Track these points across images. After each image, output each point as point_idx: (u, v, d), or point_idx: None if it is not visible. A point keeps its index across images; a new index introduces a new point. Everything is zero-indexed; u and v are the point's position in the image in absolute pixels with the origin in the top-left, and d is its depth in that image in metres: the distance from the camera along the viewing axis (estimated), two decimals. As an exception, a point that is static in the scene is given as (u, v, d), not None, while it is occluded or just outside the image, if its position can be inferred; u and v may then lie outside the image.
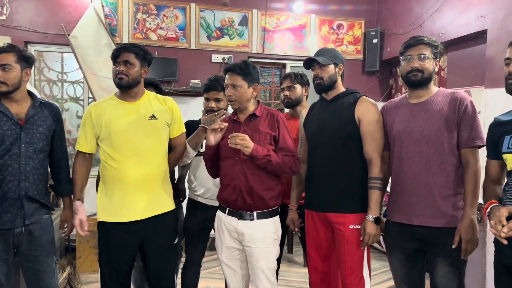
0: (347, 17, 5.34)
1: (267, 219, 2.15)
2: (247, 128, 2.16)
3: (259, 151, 2.04)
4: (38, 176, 2.14)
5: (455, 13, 4.01)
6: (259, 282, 2.13)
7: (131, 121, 2.15)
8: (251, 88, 2.16)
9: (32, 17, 4.43)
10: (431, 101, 2.03)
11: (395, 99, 2.26)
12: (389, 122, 2.16)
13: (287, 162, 2.10)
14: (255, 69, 2.19)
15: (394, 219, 2.11)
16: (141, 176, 2.14)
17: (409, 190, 2.03)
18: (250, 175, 2.10)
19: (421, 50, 2.02)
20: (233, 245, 2.20)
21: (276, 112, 2.21)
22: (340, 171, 2.18)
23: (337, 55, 2.27)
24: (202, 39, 4.93)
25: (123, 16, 4.69)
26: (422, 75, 2.02)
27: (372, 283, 3.66)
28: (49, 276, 2.17)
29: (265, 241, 2.13)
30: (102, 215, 2.19)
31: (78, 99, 4.86)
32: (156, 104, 2.24)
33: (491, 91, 3.45)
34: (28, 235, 2.10)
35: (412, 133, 2.03)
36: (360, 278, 2.16)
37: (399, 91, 5.27)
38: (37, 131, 2.13)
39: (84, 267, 3.85)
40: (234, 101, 2.14)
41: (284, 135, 2.15)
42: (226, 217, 2.19)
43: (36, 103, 2.17)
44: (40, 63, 4.72)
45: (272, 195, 2.15)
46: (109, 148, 2.14)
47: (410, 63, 2.03)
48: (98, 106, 2.20)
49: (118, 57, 2.14)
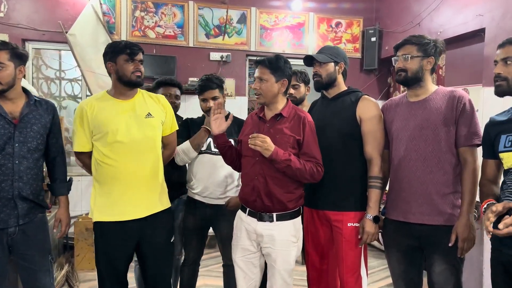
0: (345, 15, 5.34)
1: (287, 221, 2.08)
2: (271, 128, 2.09)
3: (279, 155, 1.95)
4: (32, 176, 2.11)
5: (453, 12, 4.01)
6: (275, 282, 2.09)
7: (128, 119, 2.12)
8: (279, 84, 2.08)
9: (30, 14, 4.41)
10: (429, 100, 2.03)
11: (396, 97, 2.25)
12: (389, 121, 2.16)
13: (308, 169, 2.00)
14: (287, 64, 2.11)
15: (391, 217, 2.12)
16: (138, 174, 2.12)
17: (406, 188, 2.03)
18: (269, 177, 2.03)
19: (406, 50, 2.04)
20: (249, 247, 2.15)
21: (304, 114, 2.11)
22: (340, 169, 2.18)
23: (338, 53, 2.26)
24: (200, 37, 4.92)
25: (121, 13, 4.68)
26: (406, 75, 2.03)
27: (370, 280, 3.67)
28: (45, 275, 2.15)
29: (283, 244, 2.07)
30: (98, 215, 2.15)
31: (76, 97, 4.85)
32: (151, 102, 2.22)
33: (489, 89, 3.45)
34: (23, 234, 2.08)
35: (410, 131, 2.03)
36: (358, 276, 2.17)
37: (397, 89, 5.28)
38: (31, 129, 2.09)
39: (82, 265, 3.85)
40: (259, 94, 2.08)
41: (309, 140, 2.05)
42: (247, 218, 2.14)
43: (31, 101, 2.14)
44: (38, 60, 4.71)
45: (292, 198, 2.07)
46: (105, 147, 2.10)
47: (397, 63, 2.08)
48: (93, 105, 2.13)
49: (136, 55, 2.11)
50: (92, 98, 2.22)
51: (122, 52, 2.09)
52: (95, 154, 2.14)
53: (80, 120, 2.13)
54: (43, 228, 2.20)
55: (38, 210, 2.16)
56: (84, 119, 2.11)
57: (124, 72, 2.10)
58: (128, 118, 2.12)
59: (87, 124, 2.11)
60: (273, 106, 2.12)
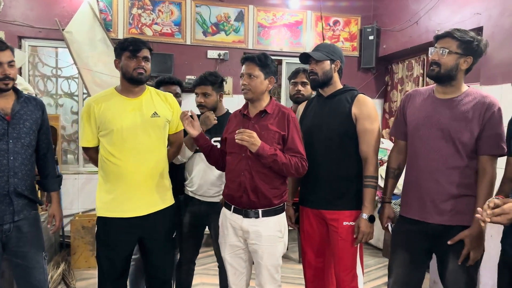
0: (343, 14, 5.34)
1: (272, 216, 2.10)
2: (256, 124, 2.10)
3: (265, 150, 1.97)
4: (27, 172, 2.12)
5: (451, 10, 4.01)
6: (263, 279, 2.11)
7: (134, 118, 2.13)
8: (267, 81, 2.10)
9: (26, 11, 4.38)
10: (457, 101, 1.93)
11: (421, 88, 2.14)
12: (410, 112, 2.08)
13: (293, 163, 2.02)
14: (274, 63, 2.15)
15: (407, 215, 2.05)
16: (141, 173, 2.13)
17: (424, 188, 1.97)
18: (256, 173, 2.05)
19: (446, 43, 1.90)
20: (237, 243, 2.16)
21: (287, 110, 2.13)
22: (335, 168, 2.17)
23: (334, 51, 2.24)
24: (198, 34, 4.91)
25: (118, 11, 4.66)
26: (439, 70, 1.91)
27: (367, 279, 3.68)
28: (39, 272, 2.15)
29: (269, 239, 2.08)
30: (102, 210, 2.17)
31: (72, 95, 4.83)
32: (158, 101, 2.24)
33: (487, 88, 3.45)
34: (17, 231, 2.08)
35: (433, 129, 1.96)
36: (354, 275, 2.17)
37: (395, 88, 5.28)
38: (24, 126, 2.11)
39: (79, 263, 3.84)
40: (248, 90, 2.09)
41: (293, 135, 2.07)
42: (232, 215, 2.15)
43: (21, 98, 2.15)
44: (34, 58, 4.68)
45: (277, 194, 2.10)
46: (110, 144, 2.12)
47: (432, 56, 1.94)
48: (100, 102, 2.16)
49: (139, 51, 2.11)
50: (100, 94, 2.24)
51: (126, 48, 2.12)
52: (101, 150, 2.18)
53: (87, 116, 2.16)
54: (37, 225, 2.21)
55: (32, 206, 2.17)
56: (92, 115, 2.15)
57: (126, 69, 2.12)
58: (134, 117, 2.14)
59: (94, 120, 2.15)
60: (257, 103, 2.13)
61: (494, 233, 3.00)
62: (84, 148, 2.25)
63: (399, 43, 4.84)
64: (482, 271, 2.97)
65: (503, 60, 3.35)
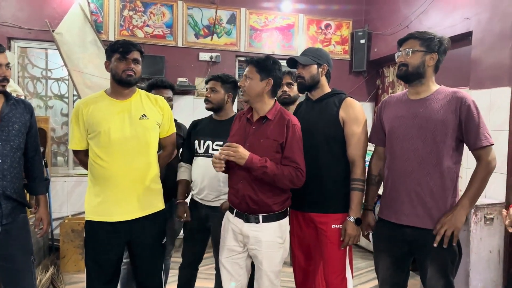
0: (335, 17, 5.36)
1: (273, 222, 2.07)
2: (257, 131, 2.07)
3: (254, 162, 1.93)
4: (15, 175, 2.10)
5: (441, 15, 4.05)
6: (262, 283, 2.09)
7: (122, 120, 2.11)
8: (264, 83, 2.06)
9: (16, 12, 4.34)
10: (430, 99, 1.98)
11: (396, 94, 2.19)
12: (386, 117, 2.12)
13: (286, 174, 1.96)
14: (276, 65, 2.10)
15: (384, 217, 2.09)
16: (129, 176, 2.11)
17: (401, 188, 2.00)
18: (254, 181, 2.02)
19: (409, 44, 1.99)
20: (235, 248, 2.13)
21: (289, 116, 2.08)
22: (324, 171, 2.18)
23: (321, 55, 2.25)
24: (190, 37, 4.90)
25: (109, 12, 4.63)
26: (406, 69, 1.98)
27: (358, 282, 3.68)
28: (27, 276, 2.13)
29: (269, 245, 2.06)
30: (90, 214, 2.14)
31: (62, 97, 4.78)
32: (147, 103, 2.21)
33: (476, 92, 3.49)
34: (5, 234, 2.06)
35: (408, 130, 1.98)
36: (343, 278, 2.17)
37: (385, 91, 5.31)
38: (13, 128, 2.09)
39: (68, 267, 3.79)
40: (243, 92, 2.09)
41: (292, 144, 2.02)
42: (234, 219, 2.13)
43: (10, 101, 2.13)
44: (23, 59, 4.63)
45: (277, 201, 2.06)
46: (97, 147, 2.10)
47: (398, 58, 2.03)
48: (89, 104, 2.14)
49: (128, 53, 2.09)
50: (90, 97, 2.22)
51: (116, 50, 2.10)
52: (90, 153, 2.15)
53: (75, 118, 2.14)
54: (26, 228, 2.18)
55: (20, 210, 2.15)
56: (80, 117, 2.13)
57: (116, 71, 2.11)
58: (122, 119, 2.11)
59: (82, 123, 2.12)
60: (259, 107, 2.10)
61: (483, 235, 3.03)
62: (74, 151, 2.23)
63: (390, 47, 4.87)
64: (472, 274, 3.00)
65: (492, 65, 3.38)
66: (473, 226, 3.00)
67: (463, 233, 2.93)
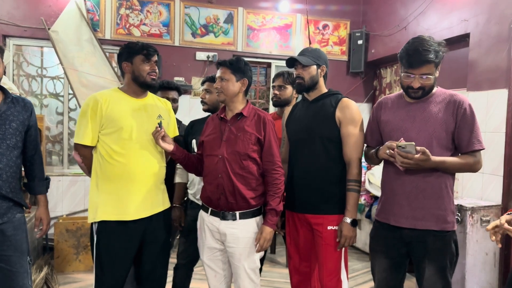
0: (332, 18, 5.36)
1: (249, 219, 2.11)
2: (232, 127, 2.13)
3: (273, 220, 2.09)
4: (12, 174, 2.06)
5: (439, 16, 4.05)
6: (242, 282, 2.11)
7: (142, 117, 2.14)
8: (240, 83, 2.14)
9: (11, 10, 4.30)
10: (428, 102, 1.97)
11: (391, 95, 2.18)
12: (383, 119, 2.10)
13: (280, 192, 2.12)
14: (247, 66, 2.19)
15: (383, 220, 2.07)
16: (147, 173, 2.12)
17: (399, 191, 1.99)
18: (233, 174, 2.07)
19: (425, 70, 1.88)
20: (215, 245, 2.18)
21: (264, 114, 2.17)
22: (320, 172, 2.17)
23: (320, 56, 2.24)
24: (187, 36, 4.87)
25: (106, 11, 4.60)
26: (423, 92, 1.94)
27: (354, 283, 3.68)
28: (23, 277, 2.09)
29: (247, 241, 2.09)
30: (102, 214, 2.07)
31: (58, 95, 4.74)
32: (160, 105, 2.27)
33: (473, 94, 3.49)
34: (1, 234, 2.03)
35: (407, 133, 1.98)
36: (338, 279, 2.16)
37: (383, 92, 5.31)
38: (9, 126, 2.06)
39: (62, 267, 3.76)
40: (220, 92, 2.14)
41: (270, 139, 2.11)
42: (209, 217, 2.16)
43: (8, 99, 2.10)
44: (19, 57, 4.60)
45: (255, 195, 2.11)
46: (116, 143, 2.06)
47: (411, 81, 1.92)
48: (108, 98, 2.10)
49: (152, 56, 2.15)
50: (106, 92, 2.18)
51: (139, 52, 2.13)
52: (101, 150, 2.09)
53: (93, 112, 2.07)
54: (22, 228, 2.14)
55: (17, 209, 2.12)
56: (98, 112, 2.07)
57: (140, 73, 2.13)
58: (141, 117, 2.14)
59: (100, 117, 2.07)
60: (233, 106, 2.16)
61: (479, 238, 3.03)
62: (81, 147, 2.12)
63: (387, 48, 4.87)
64: (468, 276, 3.00)
65: (489, 67, 3.38)
66: (469, 228, 3.00)
67: (459, 235, 2.92)
